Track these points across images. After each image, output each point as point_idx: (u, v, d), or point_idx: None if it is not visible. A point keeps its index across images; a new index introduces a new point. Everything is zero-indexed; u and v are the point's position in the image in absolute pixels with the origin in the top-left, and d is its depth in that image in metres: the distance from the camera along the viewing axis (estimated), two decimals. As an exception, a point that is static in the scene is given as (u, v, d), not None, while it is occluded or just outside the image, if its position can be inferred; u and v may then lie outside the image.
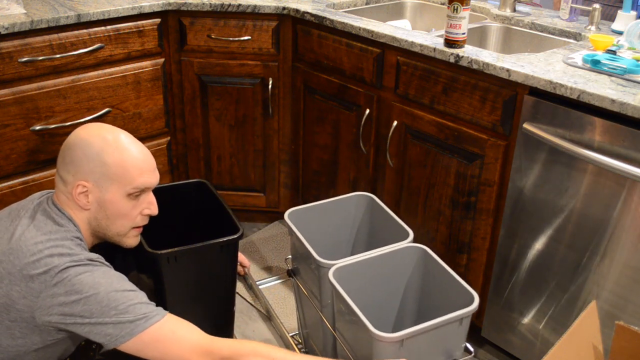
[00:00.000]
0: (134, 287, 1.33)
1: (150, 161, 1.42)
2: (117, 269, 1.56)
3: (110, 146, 1.36)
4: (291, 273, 1.89)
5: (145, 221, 1.47)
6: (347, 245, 1.98)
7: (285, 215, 1.82)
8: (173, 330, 1.28)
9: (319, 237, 1.90)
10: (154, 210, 1.45)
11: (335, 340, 1.71)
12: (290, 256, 1.90)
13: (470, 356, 1.60)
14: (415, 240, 1.81)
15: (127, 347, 1.27)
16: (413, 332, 1.43)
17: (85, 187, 1.35)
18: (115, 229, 1.42)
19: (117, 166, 1.36)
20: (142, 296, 1.32)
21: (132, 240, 1.47)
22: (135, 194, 1.40)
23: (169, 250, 1.62)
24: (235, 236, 1.70)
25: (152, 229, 1.80)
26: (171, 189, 1.97)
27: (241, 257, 2.01)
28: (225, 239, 1.69)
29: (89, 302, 1.26)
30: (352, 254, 1.83)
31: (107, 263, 1.36)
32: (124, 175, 1.37)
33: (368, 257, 1.67)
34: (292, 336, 2.06)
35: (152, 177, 1.42)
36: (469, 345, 1.60)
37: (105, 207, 1.38)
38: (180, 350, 1.27)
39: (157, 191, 1.93)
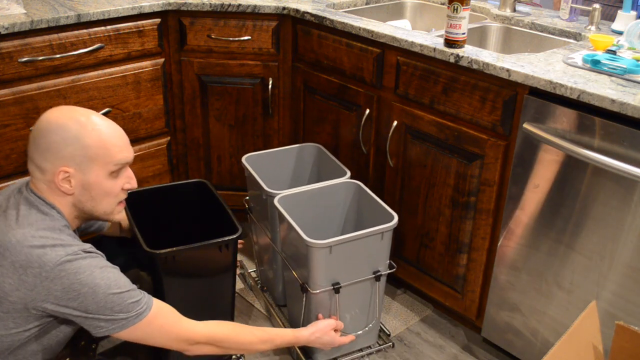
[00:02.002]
0: (127, 283, 1.36)
1: (125, 137, 1.44)
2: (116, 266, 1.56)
3: (86, 128, 1.36)
4: (248, 211, 2.19)
5: (126, 195, 1.49)
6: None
7: (243, 159, 2.12)
8: (161, 324, 1.39)
9: (273, 180, 2.21)
10: (133, 183, 1.49)
11: (283, 265, 1.98)
12: (248, 197, 2.20)
13: (392, 270, 1.89)
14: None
15: (116, 335, 1.36)
16: (340, 240, 1.72)
17: (68, 172, 1.35)
18: (102, 208, 1.44)
19: (97, 147, 1.36)
20: (135, 293, 1.36)
21: (118, 215, 1.51)
22: (116, 172, 1.41)
23: (167, 250, 1.62)
24: (234, 236, 1.70)
25: (152, 229, 1.80)
26: (171, 189, 1.97)
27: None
28: (224, 238, 1.68)
29: (87, 300, 1.29)
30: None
31: (99, 252, 1.37)
32: (104, 154, 1.37)
33: (310, 188, 1.98)
34: (249, 273, 2.33)
35: (129, 151, 1.45)
36: (392, 262, 1.89)
37: (90, 189, 1.39)
38: (165, 339, 1.41)
39: (157, 191, 1.94)
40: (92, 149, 1.35)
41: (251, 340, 1.57)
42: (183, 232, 1.94)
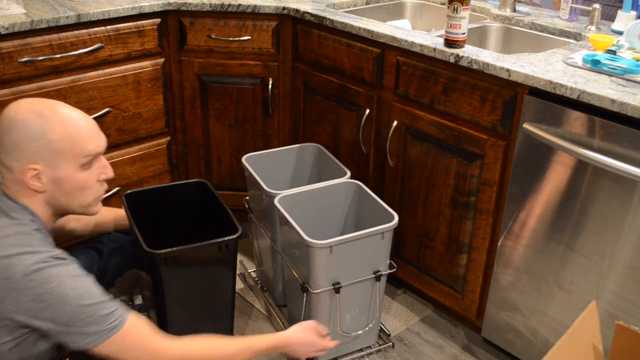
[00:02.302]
0: (100, 293, 1.29)
1: (94, 125, 1.38)
2: (111, 264, 1.55)
3: (51, 122, 1.30)
4: (248, 211, 2.19)
5: (105, 186, 1.43)
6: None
7: (243, 159, 2.13)
8: (135, 339, 1.31)
9: (273, 180, 2.21)
10: (109, 173, 1.41)
11: (283, 265, 1.99)
12: (248, 197, 2.20)
13: (392, 270, 1.89)
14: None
15: (91, 351, 1.28)
16: (340, 240, 1.72)
17: (36, 169, 1.29)
18: (78, 202, 1.38)
19: (63, 140, 1.30)
20: (108, 305, 1.29)
21: (96, 208, 1.43)
22: (88, 163, 1.35)
23: (167, 250, 1.62)
24: (234, 236, 1.70)
25: (152, 229, 1.80)
26: (171, 189, 1.98)
27: None
28: (224, 238, 1.69)
29: (57, 311, 1.23)
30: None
31: (72, 258, 1.31)
32: (72, 147, 1.31)
33: (310, 189, 1.98)
34: (249, 273, 2.33)
35: (99, 140, 1.38)
36: (392, 262, 1.89)
37: (62, 184, 1.33)
38: (138, 355, 1.32)
39: (157, 191, 1.94)
40: (58, 143, 1.30)
41: (229, 352, 1.47)
42: (183, 232, 1.94)
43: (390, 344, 2.01)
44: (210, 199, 1.93)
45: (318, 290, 1.77)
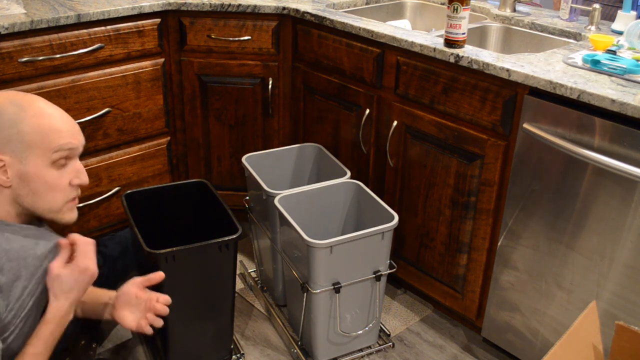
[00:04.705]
0: None
1: (71, 123, 1.30)
2: (117, 269, 1.53)
3: (26, 112, 1.23)
4: (248, 211, 2.20)
5: (77, 192, 1.32)
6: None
7: (243, 159, 2.14)
8: None
9: (273, 180, 2.23)
10: (83, 178, 1.30)
11: (283, 265, 2.00)
12: (248, 197, 2.20)
13: (392, 270, 1.90)
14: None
15: None
16: (340, 240, 1.73)
17: (3, 160, 1.22)
18: (46, 205, 1.27)
19: (34, 133, 1.23)
20: None
21: (68, 215, 1.32)
22: (60, 161, 1.26)
23: (168, 249, 1.62)
24: (234, 236, 1.70)
25: (152, 229, 1.81)
26: (171, 189, 1.98)
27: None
28: (224, 238, 1.69)
29: None
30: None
31: None
32: (42, 140, 1.23)
33: (310, 188, 1.99)
34: (249, 273, 2.33)
35: (75, 138, 1.28)
36: (392, 262, 1.90)
37: (29, 181, 1.24)
38: None
39: (157, 191, 1.95)
40: (29, 135, 1.22)
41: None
42: (183, 232, 1.94)
43: (390, 344, 2.01)
44: (210, 199, 1.93)
45: (318, 290, 1.78)
